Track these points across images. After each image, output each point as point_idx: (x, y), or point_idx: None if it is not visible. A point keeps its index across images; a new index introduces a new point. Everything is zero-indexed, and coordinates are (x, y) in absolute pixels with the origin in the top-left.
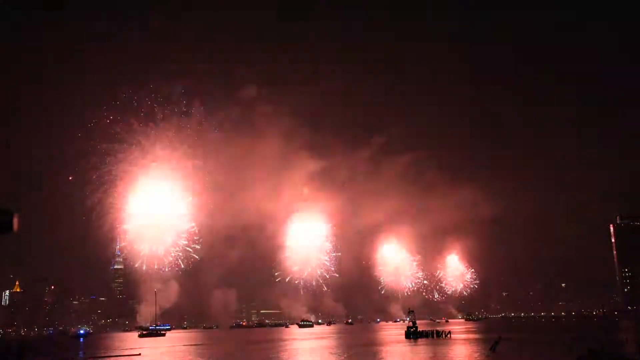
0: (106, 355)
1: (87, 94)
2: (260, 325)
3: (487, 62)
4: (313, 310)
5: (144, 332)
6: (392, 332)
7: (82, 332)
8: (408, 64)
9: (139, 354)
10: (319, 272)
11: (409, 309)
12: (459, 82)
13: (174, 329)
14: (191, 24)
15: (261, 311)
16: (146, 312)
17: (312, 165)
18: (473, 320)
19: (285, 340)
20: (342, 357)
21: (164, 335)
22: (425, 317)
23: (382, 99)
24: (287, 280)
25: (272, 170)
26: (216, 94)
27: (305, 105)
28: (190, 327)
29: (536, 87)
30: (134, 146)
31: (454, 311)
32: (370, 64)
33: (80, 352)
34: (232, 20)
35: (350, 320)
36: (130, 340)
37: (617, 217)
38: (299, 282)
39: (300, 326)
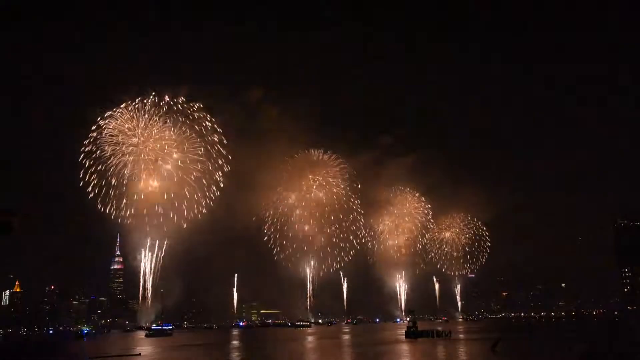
0: (107, 355)
1: (89, 95)
2: (264, 325)
3: (488, 62)
4: (313, 309)
5: (150, 332)
6: (392, 332)
7: (85, 331)
8: (411, 65)
9: (139, 354)
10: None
11: (410, 309)
12: (461, 81)
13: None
14: (194, 24)
15: (261, 311)
16: (147, 312)
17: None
18: (473, 320)
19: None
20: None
21: (170, 334)
22: (425, 316)
23: (388, 99)
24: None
25: (276, 171)
26: (221, 95)
27: (310, 107)
28: (190, 327)
29: (536, 87)
30: (137, 147)
31: (453, 311)
32: (373, 65)
33: (84, 352)
34: (235, 21)
35: (353, 320)
36: (137, 340)
37: (617, 217)
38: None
39: (297, 326)
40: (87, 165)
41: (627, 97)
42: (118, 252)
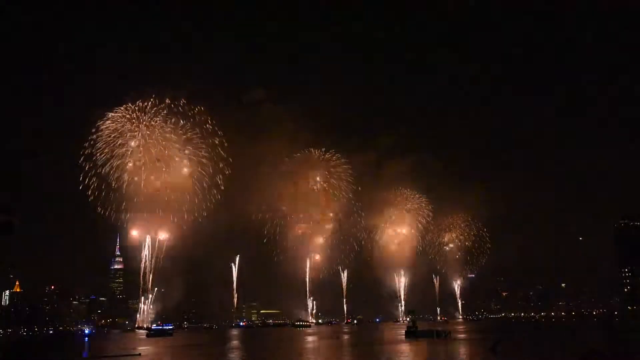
0: (107, 355)
1: (90, 96)
2: (264, 325)
3: (489, 62)
4: (313, 309)
5: (151, 332)
6: (392, 332)
7: (87, 331)
8: (412, 65)
9: (139, 354)
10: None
11: (409, 309)
12: (461, 82)
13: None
14: (195, 25)
15: (261, 311)
16: (147, 312)
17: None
18: (473, 320)
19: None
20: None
21: (171, 334)
22: (425, 316)
23: (388, 100)
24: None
25: (277, 172)
26: (221, 96)
27: (310, 107)
28: (190, 327)
29: (534, 88)
30: (138, 149)
31: (453, 311)
32: (375, 65)
33: (85, 352)
34: (235, 21)
35: (353, 320)
36: (137, 340)
37: (618, 217)
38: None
39: (297, 326)
40: (87, 167)
41: (627, 97)
42: (118, 252)
